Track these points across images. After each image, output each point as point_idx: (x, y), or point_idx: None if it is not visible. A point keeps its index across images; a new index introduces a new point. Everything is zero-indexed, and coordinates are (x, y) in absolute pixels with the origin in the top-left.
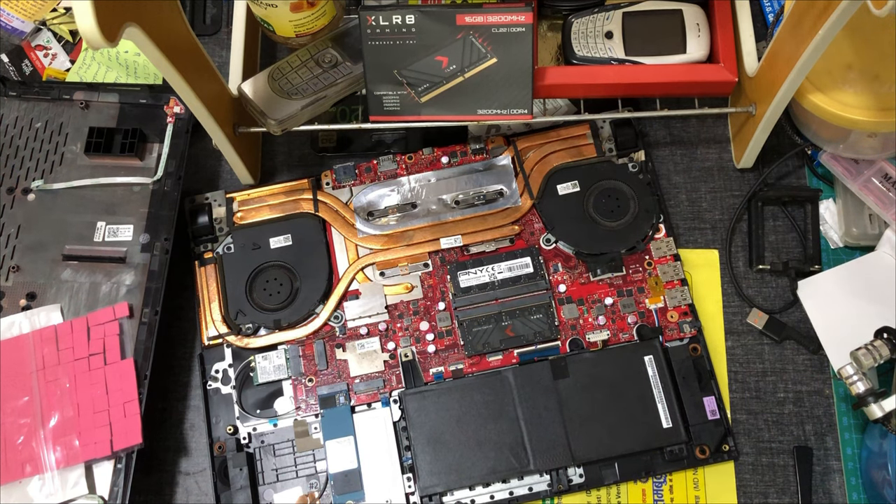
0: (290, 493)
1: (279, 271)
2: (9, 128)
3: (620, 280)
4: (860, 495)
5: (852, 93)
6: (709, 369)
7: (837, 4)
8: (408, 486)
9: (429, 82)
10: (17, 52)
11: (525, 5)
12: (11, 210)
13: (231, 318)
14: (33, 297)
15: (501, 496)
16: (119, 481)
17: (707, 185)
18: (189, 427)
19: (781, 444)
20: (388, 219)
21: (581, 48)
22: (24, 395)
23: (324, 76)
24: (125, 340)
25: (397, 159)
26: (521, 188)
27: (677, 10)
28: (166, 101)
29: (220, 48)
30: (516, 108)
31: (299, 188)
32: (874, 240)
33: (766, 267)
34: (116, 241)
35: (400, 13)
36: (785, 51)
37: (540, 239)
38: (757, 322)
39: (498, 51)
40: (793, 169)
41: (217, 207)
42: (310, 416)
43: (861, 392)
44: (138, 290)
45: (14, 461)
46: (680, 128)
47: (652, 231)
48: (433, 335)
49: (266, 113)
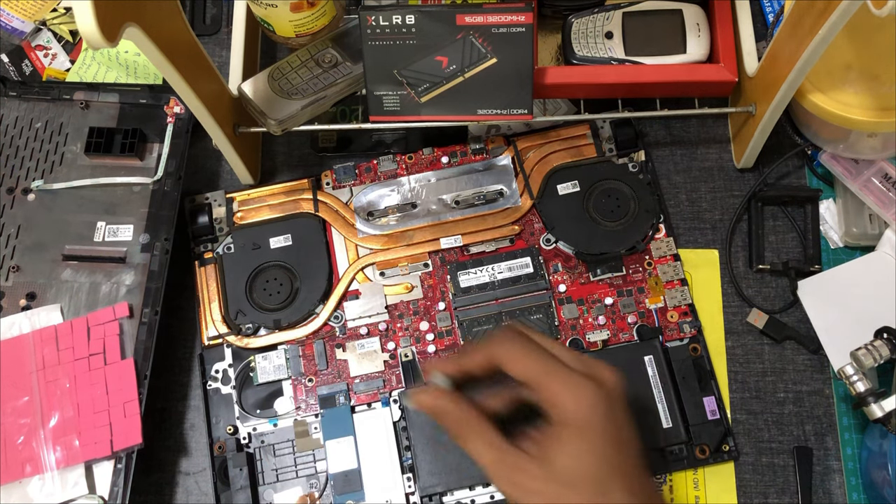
0: (290, 493)
1: (279, 271)
2: (9, 128)
3: (620, 280)
4: (860, 495)
5: (852, 93)
6: (709, 369)
7: (837, 4)
8: (408, 486)
9: (429, 82)
10: (17, 52)
11: (525, 5)
12: (11, 210)
13: (231, 318)
14: (33, 297)
15: (501, 496)
16: (119, 481)
17: (707, 185)
18: (189, 427)
19: (781, 444)
20: (388, 219)
21: (581, 48)
22: (24, 395)
23: (324, 76)
24: (125, 340)
25: (397, 159)
26: (521, 188)
27: (677, 10)
28: (166, 101)
29: (220, 48)
30: (516, 108)
31: (299, 188)
32: (874, 240)
33: (766, 267)
34: (116, 241)
35: (400, 13)
36: (785, 51)
37: (540, 239)
38: (757, 322)
39: (498, 51)
40: (793, 169)
41: (217, 207)
42: (310, 416)
43: (861, 392)
44: (138, 290)
45: (14, 461)
46: (680, 128)
47: (652, 231)
48: (433, 335)
49: (266, 113)
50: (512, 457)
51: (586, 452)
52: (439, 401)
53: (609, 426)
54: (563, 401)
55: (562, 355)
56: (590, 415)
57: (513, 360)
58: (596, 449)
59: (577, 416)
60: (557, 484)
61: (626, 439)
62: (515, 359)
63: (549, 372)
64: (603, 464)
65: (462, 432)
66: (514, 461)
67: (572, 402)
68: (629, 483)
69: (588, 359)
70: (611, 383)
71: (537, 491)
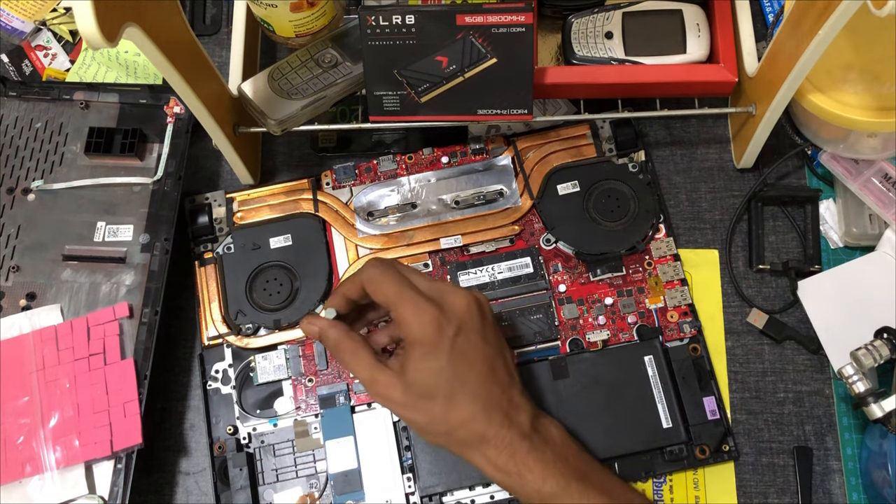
0: (290, 493)
1: (279, 271)
2: (9, 128)
3: (620, 280)
4: (860, 495)
5: (852, 93)
6: (709, 369)
7: (837, 4)
8: (408, 486)
9: (429, 82)
10: (17, 52)
11: (525, 5)
12: (11, 210)
13: (231, 318)
14: (33, 297)
15: (501, 496)
16: (119, 481)
17: (707, 185)
18: (189, 427)
19: (781, 444)
20: (388, 219)
21: (581, 48)
22: (24, 395)
23: (324, 76)
24: (125, 340)
25: (397, 159)
26: (521, 188)
27: (677, 10)
28: (166, 101)
29: (220, 48)
30: (516, 108)
31: (299, 188)
32: (874, 240)
33: (766, 267)
34: (116, 241)
35: (400, 13)
36: (785, 51)
37: (540, 239)
38: (757, 322)
39: (498, 51)
40: (793, 169)
41: (217, 207)
42: (310, 416)
43: (861, 392)
44: (138, 290)
45: (14, 461)
46: (680, 128)
47: (652, 231)
48: None
49: (266, 113)
50: (379, 374)
51: (431, 368)
52: (324, 329)
53: (454, 345)
54: (409, 322)
55: (418, 282)
56: (434, 335)
57: (374, 286)
58: (441, 365)
59: (420, 336)
60: (413, 395)
61: (480, 358)
62: (377, 285)
63: (401, 295)
64: (450, 377)
65: (342, 356)
66: (382, 378)
67: (417, 324)
68: (476, 393)
69: (443, 284)
70: (460, 308)
71: (399, 401)
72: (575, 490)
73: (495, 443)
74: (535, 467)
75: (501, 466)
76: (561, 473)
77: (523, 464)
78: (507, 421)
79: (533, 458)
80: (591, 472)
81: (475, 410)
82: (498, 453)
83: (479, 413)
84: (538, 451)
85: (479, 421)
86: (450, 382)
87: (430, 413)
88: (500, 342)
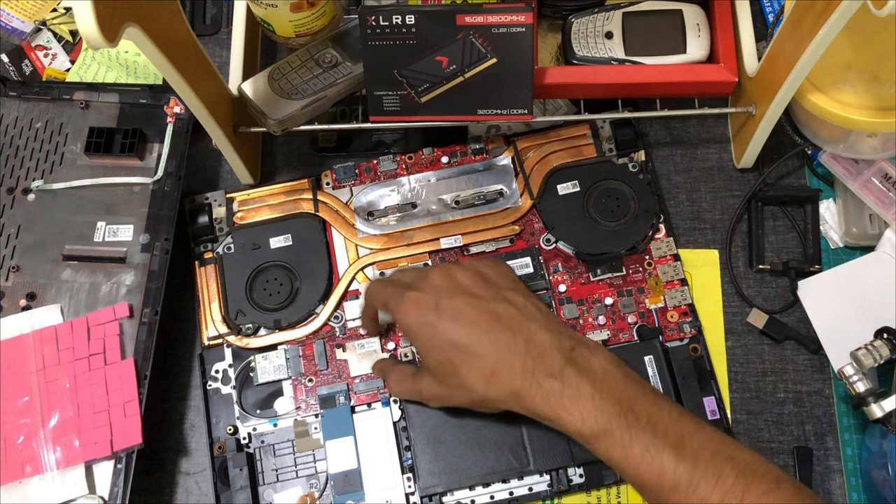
0: (290, 494)
1: (279, 271)
2: (9, 128)
3: (620, 280)
4: (860, 495)
5: (852, 93)
6: (709, 369)
7: (837, 4)
8: (408, 486)
9: (429, 82)
10: (17, 52)
11: (525, 5)
12: (11, 210)
13: (231, 318)
14: (33, 297)
15: (501, 496)
16: (119, 481)
17: (707, 185)
18: (189, 427)
19: (781, 444)
20: (388, 219)
21: (581, 48)
22: (24, 395)
23: (324, 76)
24: (125, 340)
25: (397, 159)
26: (521, 188)
27: (677, 10)
28: (166, 101)
29: (220, 48)
30: (516, 108)
31: (299, 188)
32: (874, 240)
33: (766, 267)
34: (116, 241)
35: (400, 13)
36: (785, 51)
37: (540, 239)
38: (757, 322)
39: (498, 51)
40: (793, 169)
41: (217, 207)
42: (310, 416)
43: (861, 392)
44: (138, 290)
45: (14, 461)
46: (680, 128)
47: (652, 231)
48: None
49: (266, 113)
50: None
51: (433, 347)
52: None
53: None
54: (398, 311)
55: (404, 277)
56: (417, 315)
57: (371, 296)
58: (439, 341)
59: (408, 321)
60: (444, 382)
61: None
62: (372, 294)
63: (387, 295)
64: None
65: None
66: (415, 379)
67: (403, 311)
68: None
69: (425, 269)
70: (436, 280)
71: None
72: (616, 428)
73: (526, 393)
74: (571, 407)
75: (541, 414)
76: (599, 410)
77: (559, 406)
78: (529, 365)
79: (567, 398)
80: (636, 403)
81: (491, 368)
82: (532, 402)
83: (498, 368)
84: (572, 387)
85: (500, 376)
86: (456, 350)
87: (462, 389)
88: (497, 291)
